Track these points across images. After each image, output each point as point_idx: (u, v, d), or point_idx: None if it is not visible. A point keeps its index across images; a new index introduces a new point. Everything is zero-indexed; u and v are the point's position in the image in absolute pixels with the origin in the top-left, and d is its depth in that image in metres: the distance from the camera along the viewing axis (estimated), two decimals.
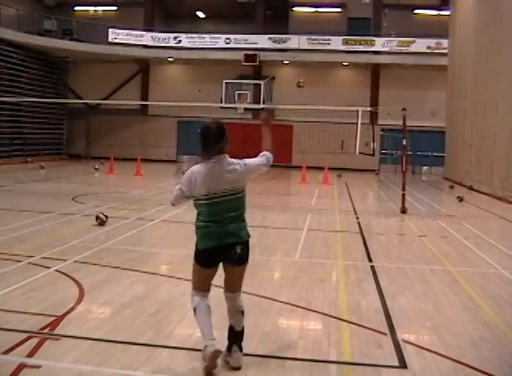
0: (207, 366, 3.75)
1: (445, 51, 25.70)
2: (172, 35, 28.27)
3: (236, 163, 3.87)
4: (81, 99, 29.51)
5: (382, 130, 26.84)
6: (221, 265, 3.97)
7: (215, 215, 3.80)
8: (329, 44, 27.14)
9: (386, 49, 27.22)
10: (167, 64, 29.90)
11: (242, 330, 4.02)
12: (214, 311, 5.09)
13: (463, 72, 22.07)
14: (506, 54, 16.36)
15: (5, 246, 7.49)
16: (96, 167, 22.36)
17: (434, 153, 27.75)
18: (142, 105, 28.53)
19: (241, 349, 3.97)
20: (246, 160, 3.94)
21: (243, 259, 3.88)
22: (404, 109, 13.10)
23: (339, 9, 29.73)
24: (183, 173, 4.22)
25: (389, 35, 27.21)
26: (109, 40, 27.81)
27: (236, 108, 23.09)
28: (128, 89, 29.97)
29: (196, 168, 3.89)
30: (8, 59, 24.10)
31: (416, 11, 29.28)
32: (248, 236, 3.92)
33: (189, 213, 6.53)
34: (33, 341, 4.19)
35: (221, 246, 3.80)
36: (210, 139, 3.80)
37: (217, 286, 5.93)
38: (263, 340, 4.47)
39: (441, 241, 9.33)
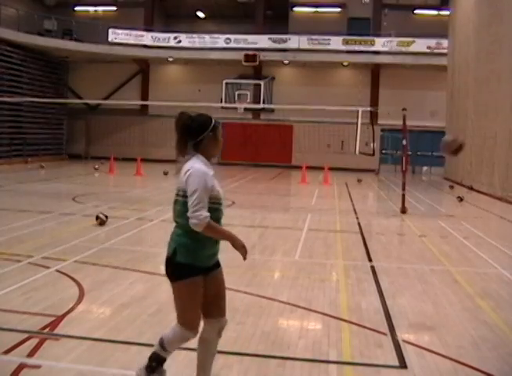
0: None
1: (445, 51, 25.69)
2: (172, 35, 28.26)
3: (190, 168, 3.24)
4: (81, 99, 29.50)
5: (382, 130, 26.84)
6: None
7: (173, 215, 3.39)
8: (329, 44, 27.14)
9: (386, 49, 27.22)
10: (167, 64, 29.89)
11: (151, 355, 3.43)
12: None
13: (463, 72, 22.05)
14: (507, 54, 16.35)
15: (5, 246, 7.49)
16: (96, 167, 22.37)
17: (434, 153, 27.72)
18: (142, 105, 28.52)
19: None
20: (191, 179, 3.20)
21: (167, 273, 3.37)
22: (404, 109, 13.11)
23: (339, 9, 29.73)
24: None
25: (389, 35, 27.19)
26: (110, 40, 27.80)
27: (236, 108, 23.07)
28: (128, 89, 29.98)
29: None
30: (8, 59, 24.07)
31: (416, 11, 29.29)
32: (174, 253, 3.31)
33: None
34: (33, 341, 4.19)
35: None
36: (191, 133, 3.30)
37: None
38: (263, 340, 4.47)
39: (441, 241, 9.33)
